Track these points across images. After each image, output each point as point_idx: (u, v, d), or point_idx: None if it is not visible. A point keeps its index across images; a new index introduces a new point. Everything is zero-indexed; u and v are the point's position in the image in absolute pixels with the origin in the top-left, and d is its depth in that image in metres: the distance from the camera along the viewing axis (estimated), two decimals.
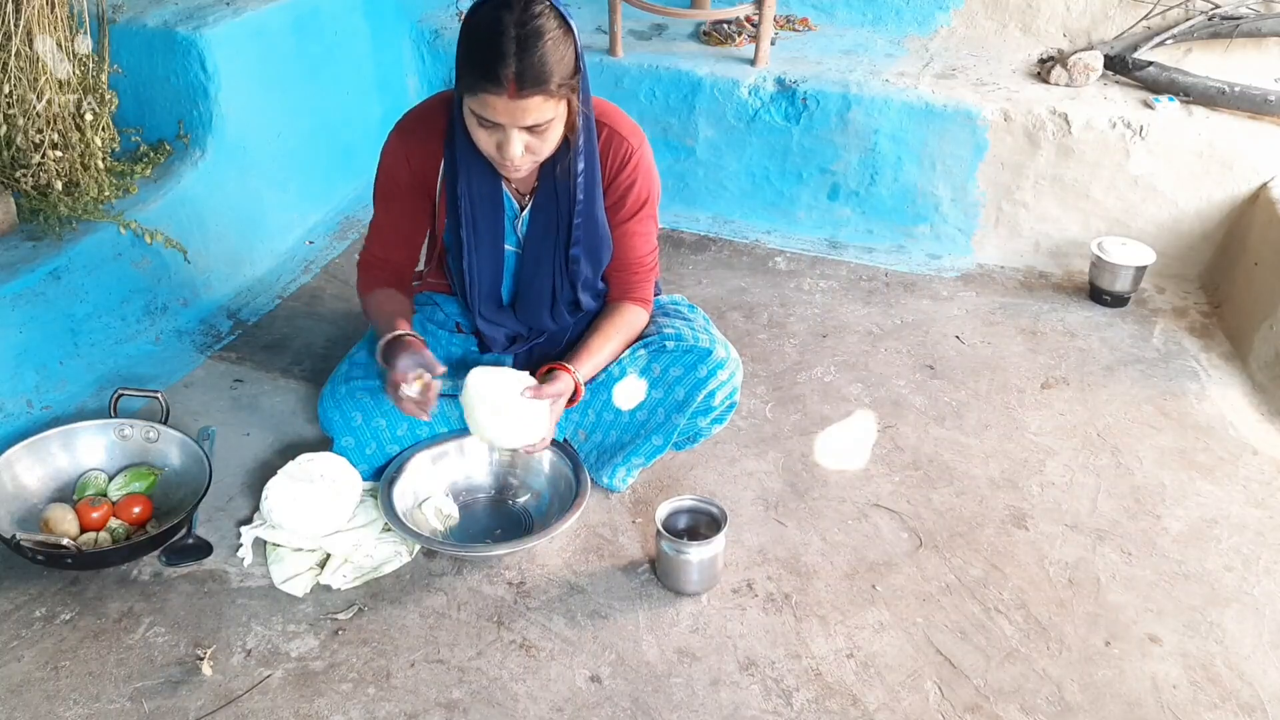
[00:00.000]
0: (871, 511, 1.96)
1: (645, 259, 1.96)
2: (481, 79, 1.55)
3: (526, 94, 1.55)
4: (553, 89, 1.57)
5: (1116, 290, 2.62)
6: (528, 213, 1.87)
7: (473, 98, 1.59)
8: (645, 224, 1.93)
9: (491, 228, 1.87)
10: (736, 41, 3.07)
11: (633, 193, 1.87)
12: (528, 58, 1.53)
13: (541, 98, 1.56)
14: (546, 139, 1.65)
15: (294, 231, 2.81)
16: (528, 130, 1.61)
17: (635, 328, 1.98)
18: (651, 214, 1.93)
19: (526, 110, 1.57)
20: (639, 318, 1.98)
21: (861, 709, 1.57)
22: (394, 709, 1.55)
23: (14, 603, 1.70)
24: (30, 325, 2.07)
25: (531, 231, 1.88)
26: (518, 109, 1.56)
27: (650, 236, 1.95)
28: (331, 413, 1.94)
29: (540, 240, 1.88)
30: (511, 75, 1.53)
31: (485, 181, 1.81)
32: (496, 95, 1.55)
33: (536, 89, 1.55)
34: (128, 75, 2.38)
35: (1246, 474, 2.07)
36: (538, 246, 1.89)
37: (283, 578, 1.75)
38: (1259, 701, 1.60)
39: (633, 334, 1.97)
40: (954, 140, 2.78)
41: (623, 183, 1.85)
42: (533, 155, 1.66)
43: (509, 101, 1.55)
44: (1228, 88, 2.71)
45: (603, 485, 1.96)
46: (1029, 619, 1.73)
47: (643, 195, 1.89)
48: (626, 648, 1.66)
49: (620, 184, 1.85)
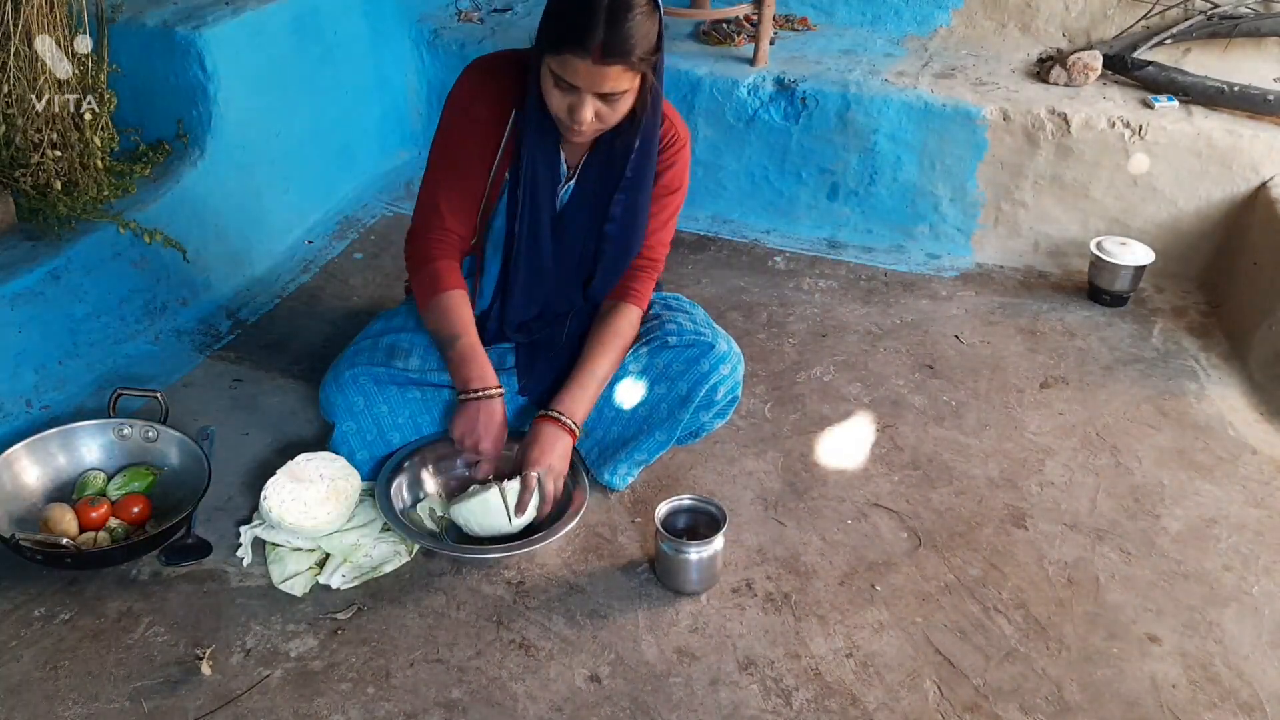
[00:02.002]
0: (871, 511, 1.96)
1: (654, 247, 1.95)
2: (568, 40, 1.57)
3: (610, 62, 1.57)
4: (634, 61, 1.59)
5: (1116, 290, 2.62)
6: (573, 183, 1.88)
7: (555, 57, 1.61)
8: (665, 211, 1.93)
9: (548, 188, 1.86)
10: (736, 41, 3.08)
11: (668, 175, 1.89)
12: (617, 27, 1.55)
13: (622, 68, 1.59)
14: (617, 109, 1.67)
15: (293, 231, 2.81)
16: (601, 98, 1.63)
17: (628, 339, 1.95)
18: (674, 206, 1.94)
19: (606, 78, 1.59)
20: (631, 322, 1.95)
21: (861, 708, 1.57)
22: (393, 708, 1.55)
23: (13, 602, 1.70)
24: (29, 325, 2.07)
25: (571, 201, 1.89)
26: (598, 75, 1.59)
27: (666, 229, 1.95)
28: (334, 397, 1.93)
29: (575, 212, 1.89)
30: (599, 42, 1.55)
31: (549, 142, 1.81)
32: (580, 59, 1.57)
33: (620, 59, 1.57)
34: (127, 75, 2.37)
35: (1245, 473, 2.07)
36: (572, 218, 1.89)
37: (282, 577, 1.75)
38: (1258, 701, 1.60)
39: (625, 346, 1.94)
40: (953, 140, 2.78)
41: (664, 162, 1.88)
42: (600, 123, 1.68)
43: (591, 66, 1.57)
44: (1227, 87, 2.71)
45: (604, 483, 1.96)
46: (1028, 618, 1.73)
47: (675, 182, 1.91)
48: (626, 647, 1.66)
49: (663, 163, 1.87)
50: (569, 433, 1.85)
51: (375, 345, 1.95)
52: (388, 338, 1.97)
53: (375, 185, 3.07)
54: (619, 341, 1.93)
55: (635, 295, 1.96)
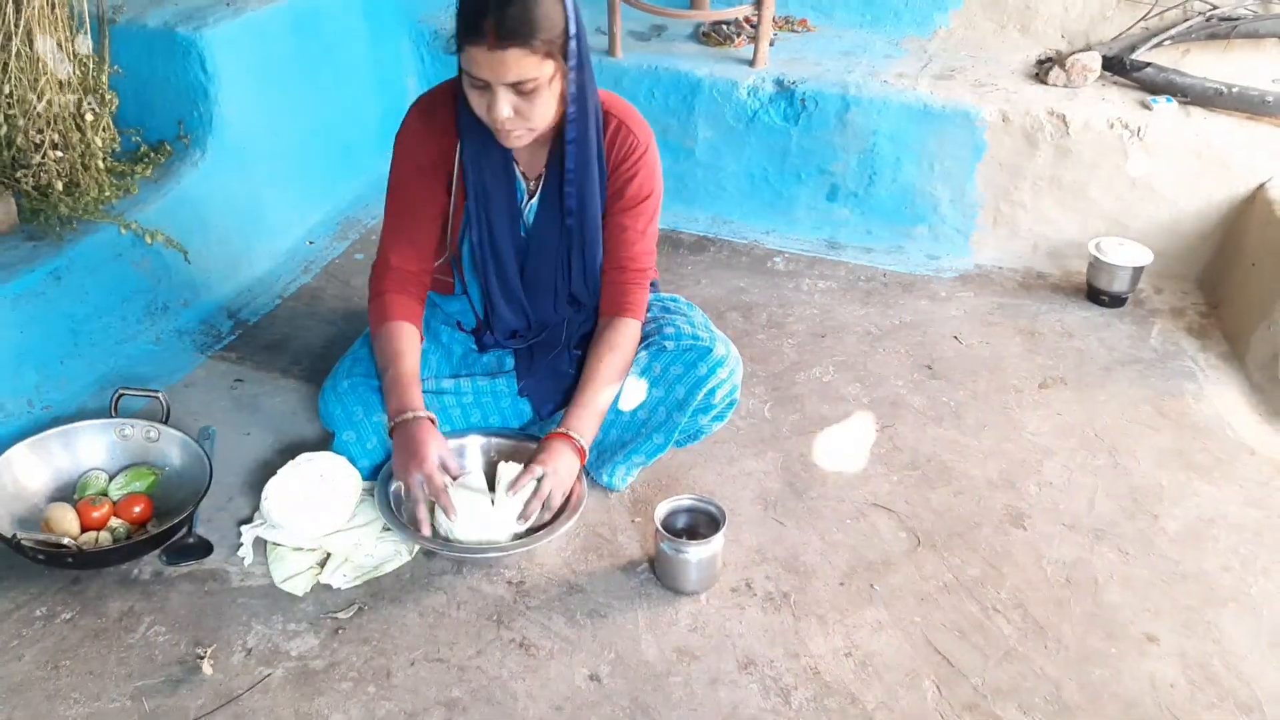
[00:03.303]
0: (870, 511, 1.96)
1: (639, 257, 1.92)
2: (466, 30, 1.57)
3: (506, 44, 1.55)
4: (535, 44, 1.57)
5: (1114, 291, 2.62)
6: (536, 200, 1.87)
7: (462, 55, 1.61)
8: (640, 220, 1.90)
9: (507, 206, 1.86)
10: (735, 42, 3.08)
11: (633, 185, 1.86)
12: (509, 8, 1.54)
13: (522, 51, 1.56)
14: (535, 103, 1.64)
15: (294, 231, 2.81)
16: (514, 91, 1.61)
17: (628, 353, 1.92)
18: (649, 213, 1.91)
19: (506, 63, 1.57)
20: (630, 337, 1.92)
21: (860, 708, 1.58)
22: (394, 708, 1.55)
23: (15, 602, 1.70)
24: (31, 325, 2.07)
25: (538, 217, 1.88)
26: (498, 62, 1.57)
27: (646, 237, 1.92)
28: (333, 407, 1.94)
29: (545, 227, 1.88)
30: (491, 25, 1.54)
31: (495, 158, 1.81)
32: (478, 47, 1.56)
33: (516, 41, 1.55)
34: (128, 75, 2.38)
35: (1244, 474, 2.08)
36: (543, 233, 1.89)
37: (283, 577, 1.75)
38: (1256, 701, 1.60)
39: (627, 358, 1.91)
40: (952, 141, 2.79)
41: (625, 173, 1.85)
42: (524, 120, 1.65)
43: (489, 53, 1.56)
44: (1225, 88, 2.71)
45: (602, 484, 1.97)
46: (1027, 618, 1.74)
47: (644, 190, 1.88)
48: (626, 647, 1.67)
49: (623, 174, 1.85)
50: (578, 451, 1.82)
51: (373, 353, 1.95)
52: None
53: (376, 185, 3.02)
54: (619, 358, 1.90)
55: (631, 308, 1.93)
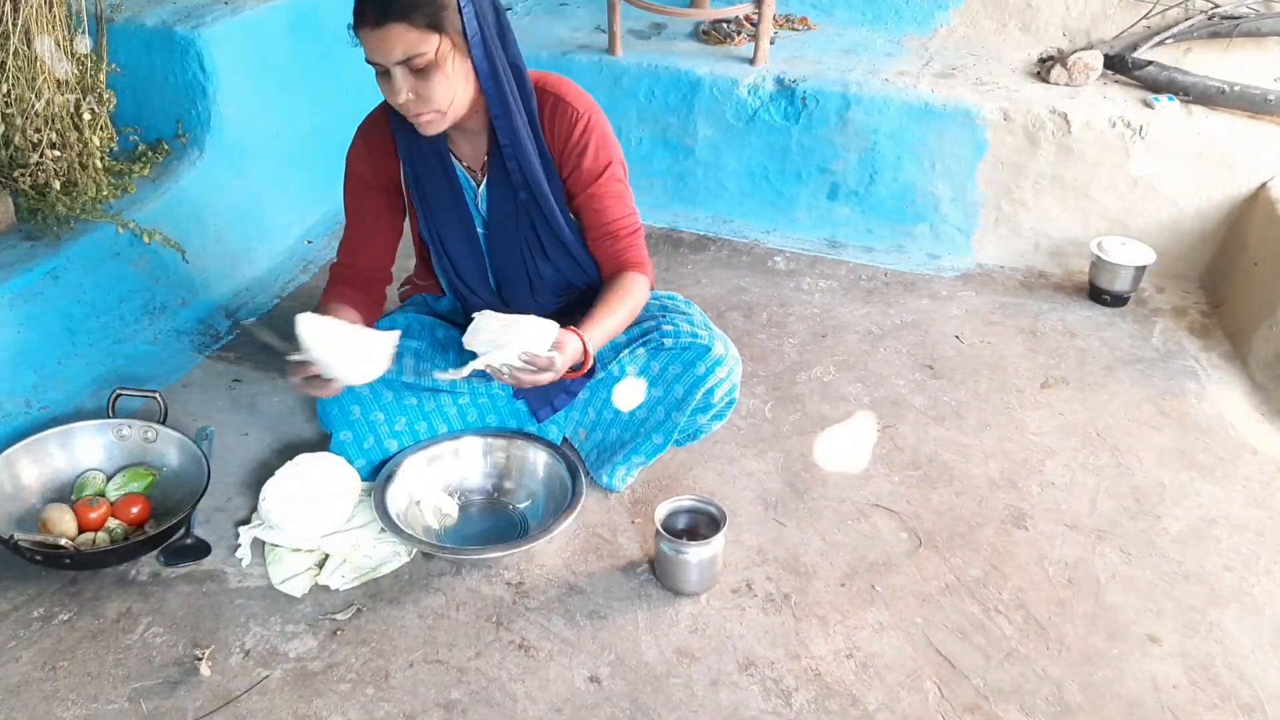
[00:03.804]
0: (871, 511, 1.95)
1: (622, 221, 1.89)
2: (355, 17, 1.61)
3: (384, 21, 1.57)
4: (414, 18, 1.58)
5: (1116, 290, 2.62)
6: (484, 188, 1.88)
7: (359, 46, 1.63)
8: (612, 185, 1.87)
9: (455, 205, 1.87)
10: (736, 41, 3.07)
11: (587, 156, 1.84)
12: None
13: (403, 26, 1.57)
14: (432, 81, 1.63)
15: (292, 231, 2.81)
16: (409, 71, 1.62)
17: (638, 296, 1.89)
18: (618, 177, 1.89)
19: (390, 41, 1.58)
20: (638, 283, 1.89)
21: (861, 709, 1.57)
22: (392, 709, 1.55)
23: (12, 603, 1.70)
24: (28, 325, 2.06)
25: (492, 206, 1.89)
26: (381, 40, 1.58)
27: (622, 199, 1.89)
28: (330, 406, 1.94)
29: (501, 214, 1.88)
30: (371, 4, 1.57)
31: (430, 156, 1.82)
32: (365, 29, 1.60)
33: (392, 16, 1.57)
34: (126, 74, 2.37)
35: (1246, 474, 2.07)
36: (500, 222, 1.90)
37: (281, 578, 1.74)
38: (1258, 701, 1.59)
39: (637, 303, 1.89)
40: (953, 140, 2.78)
41: (574, 147, 1.83)
42: (426, 102, 1.65)
43: (372, 32, 1.58)
44: (1227, 87, 2.71)
45: (602, 484, 1.96)
46: (1028, 619, 1.73)
47: (602, 159, 1.85)
48: (625, 648, 1.66)
49: (572, 149, 1.83)
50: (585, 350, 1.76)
51: None
52: None
53: None
54: (630, 299, 1.87)
55: (633, 264, 1.90)
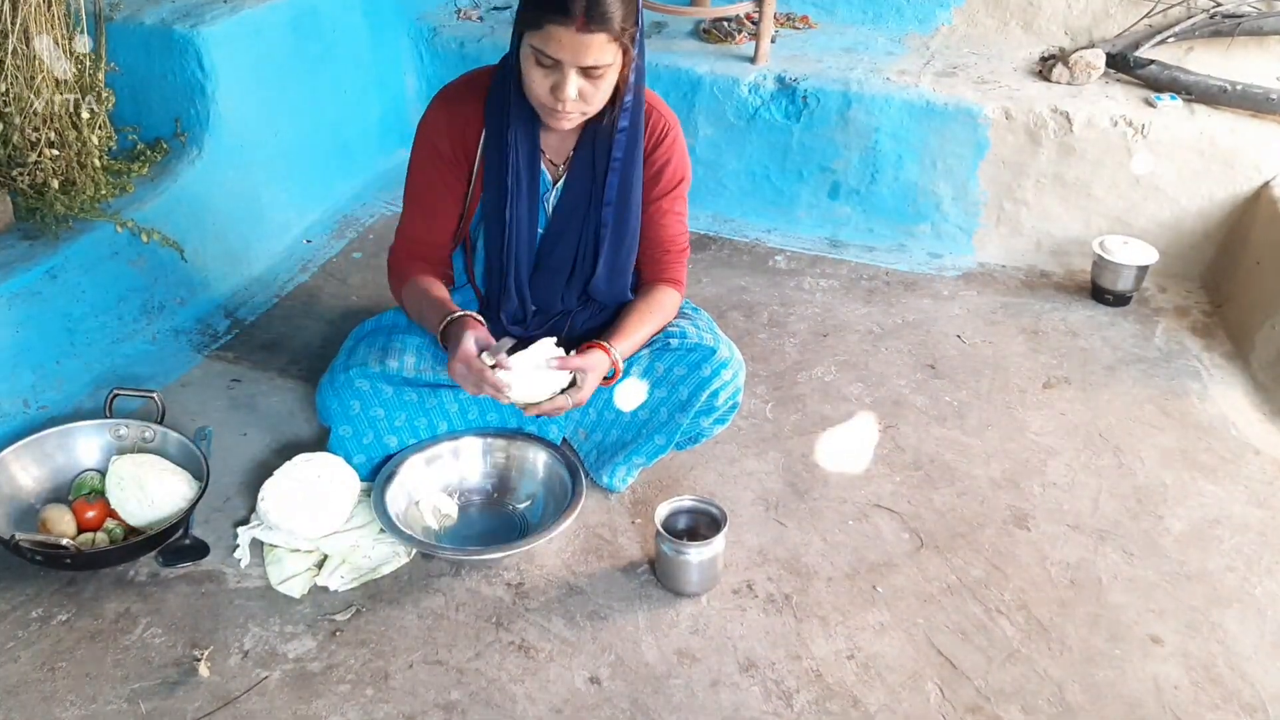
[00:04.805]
0: (872, 512, 1.95)
1: (678, 239, 1.98)
2: (551, 10, 1.58)
3: (593, 29, 1.57)
4: (617, 31, 1.60)
5: (1118, 289, 2.61)
6: (561, 185, 1.88)
7: (537, 32, 1.60)
8: (678, 204, 1.95)
9: (527, 196, 1.86)
10: (736, 39, 3.07)
11: (669, 169, 1.90)
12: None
13: (606, 37, 1.59)
14: (600, 87, 1.66)
15: (292, 230, 2.80)
16: (584, 75, 1.63)
17: (669, 310, 1.97)
18: (684, 195, 1.97)
19: (589, 48, 1.59)
20: (672, 299, 1.98)
21: (862, 710, 1.56)
22: (392, 710, 1.54)
23: (10, 603, 1.69)
24: (27, 324, 2.06)
25: (562, 203, 1.89)
26: (581, 45, 1.59)
27: (682, 219, 1.98)
28: (330, 400, 1.93)
29: (569, 213, 1.89)
30: (583, 7, 1.56)
31: (524, 145, 1.81)
32: (564, 27, 1.57)
33: (603, 26, 1.58)
34: (125, 73, 2.37)
35: (1248, 474, 2.07)
36: (565, 220, 1.90)
37: (280, 579, 1.74)
38: (1260, 702, 1.59)
39: (667, 316, 1.97)
40: (955, 139, 2.77)
41: (660, 157, 1.88)
42: (584, 103, 1.67)
43: (575, 35, 1.58)
44: (1229, 86, 2.70)
45: (602, 485, 1.96)
46: (1030, 620, 1.72)
47: (678, 173, 1.92)
48: (626, 649, 1.65)
49: (658, 158, 1.89)
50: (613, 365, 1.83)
51: (369, 347, 1.95)
52: (380, 339, 1.97)
53: (374, 184, 3.06)
54: (662, 312, 1.95)
55: (675, 281, 1.99)
